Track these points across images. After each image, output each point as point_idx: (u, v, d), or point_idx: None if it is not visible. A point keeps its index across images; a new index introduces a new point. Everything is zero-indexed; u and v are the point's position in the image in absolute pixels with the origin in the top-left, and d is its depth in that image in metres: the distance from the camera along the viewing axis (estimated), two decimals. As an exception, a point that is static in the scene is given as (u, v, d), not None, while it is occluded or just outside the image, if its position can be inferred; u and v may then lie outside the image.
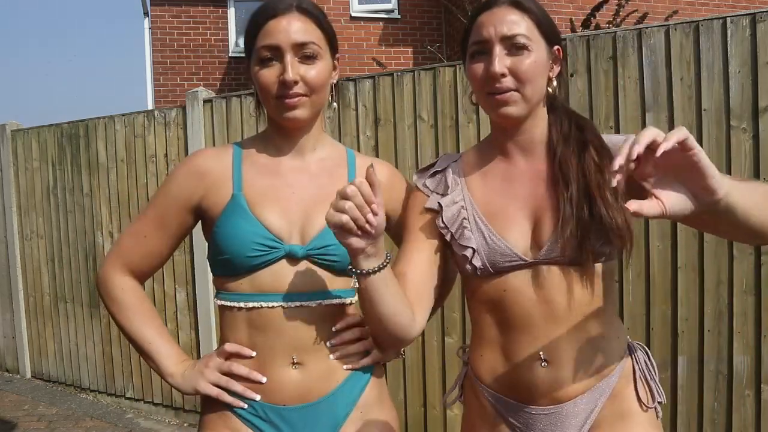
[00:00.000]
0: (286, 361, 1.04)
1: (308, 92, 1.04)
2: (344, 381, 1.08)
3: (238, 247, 1.03)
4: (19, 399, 3.94)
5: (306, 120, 1.08)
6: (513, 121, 1.03)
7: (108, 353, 3.82)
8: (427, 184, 1.11)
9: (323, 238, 1.05)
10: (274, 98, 1.05)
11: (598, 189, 0.97)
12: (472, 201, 1.06)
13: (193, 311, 3.41)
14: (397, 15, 7.34)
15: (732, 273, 2.13)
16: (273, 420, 1.05)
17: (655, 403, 1.05)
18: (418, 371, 2.71)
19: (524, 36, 0.98)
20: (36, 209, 4.13)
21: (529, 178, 1.05)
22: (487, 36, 0.99)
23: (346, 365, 1.08)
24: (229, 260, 1.04)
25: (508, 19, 0.99)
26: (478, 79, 1.01)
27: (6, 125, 4.27)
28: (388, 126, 2.75)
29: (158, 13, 8.27)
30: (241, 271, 1.05)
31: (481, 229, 1.04)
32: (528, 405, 1.03)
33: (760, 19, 2.07)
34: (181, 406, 3.53)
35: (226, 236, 1.04)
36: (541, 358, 1.01)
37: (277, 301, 1.04)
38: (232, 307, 1.07)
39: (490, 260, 1.02)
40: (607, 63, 2.30)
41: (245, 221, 1.04)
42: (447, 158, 1.14)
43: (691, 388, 2.22)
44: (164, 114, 3.49)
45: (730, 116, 2.12)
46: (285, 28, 1.02)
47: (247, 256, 1.03)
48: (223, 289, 1.08)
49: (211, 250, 1.09)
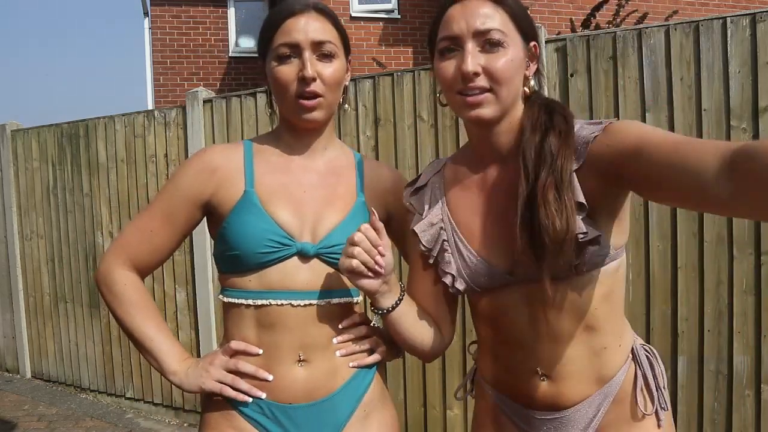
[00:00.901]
0: (293, 359, 1.05)
1: (325, 91, 1.05)
2: (349, 379, 1.08)
3: (250, 243, 1.02)
4: (19, 399, 3.93)
5: (322, 121, 1.10)
6: (486, 123, 0.95)
7: (108, 353, 3.82)
8: (411, 202, 1.08)
9: (333, 237, 1.06)
10: (293, 97, 1.05)
11: (542, 188, 0.86)
12: (451, 220, 1.02)
13: (193, 311, 3.41)
14: (397, 15, 7.33)
15: (732, 273, 2.13)
16: (278, 418, 1.05)
17: (653, 409, 1.01)
18: (418, 371, 2.71)
19: (499, 31, 0.90)
20: (36, 209, 4.13)
21: (504, 190, 0.97)
22: (458, 31, 0.91)
23: (352, 363, 1.08)
24: (239, 256, 1.04)
25: (481, 12, 0.90)
26: (449, 78, 0.93)
27: (6, 125, 4.27)
28: (388, 126, 2.75)
29: (158, 13, 8.28)
30: (250, 268, 1.04)
31: (461, 250, 0.99)
32: (532, 410, 1.01)
33: (760, 19, 2.07)
34: (181, 406, 3.53)
35: (237, 232, 1.04)
36: (540, 374, 0.98)
37: (287, 298, 1.04)
38: (239, 304, 1.06)
39: (473, 281, 0.98)
40: (607, 63, 2.30)
41: (258, 218, 1.04)
42: (430, 170, 1.09)
43: (691, 388, 2.22)
44: (164, 114, 3.49)
45: (730, 116, 2.12)
46: (304, 27, 1.04)
47: (259, 252, 1.02)
48: (230, 285, 1.08)
49: (219, 246, 1.08)
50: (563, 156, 0.87)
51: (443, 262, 1.01)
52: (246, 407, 1.05)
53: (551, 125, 0.91)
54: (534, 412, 1.01)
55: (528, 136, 0.92)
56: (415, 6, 7.36)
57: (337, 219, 1.08)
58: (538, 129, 0.91)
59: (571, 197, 0.85)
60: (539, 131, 0.91)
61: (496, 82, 0.90)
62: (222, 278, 1.11)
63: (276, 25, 1.06)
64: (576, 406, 0.99)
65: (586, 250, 0.88)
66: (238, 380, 1.05)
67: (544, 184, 0.86)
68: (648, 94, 2.23)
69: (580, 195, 0.86)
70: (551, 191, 0.85)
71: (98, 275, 1.11)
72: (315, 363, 1.05)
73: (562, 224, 0.83)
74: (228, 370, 1.06)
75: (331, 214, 1.08)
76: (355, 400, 1.09)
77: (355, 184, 1.14)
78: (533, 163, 0.89)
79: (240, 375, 1.05)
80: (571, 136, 0.89)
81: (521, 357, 0.99)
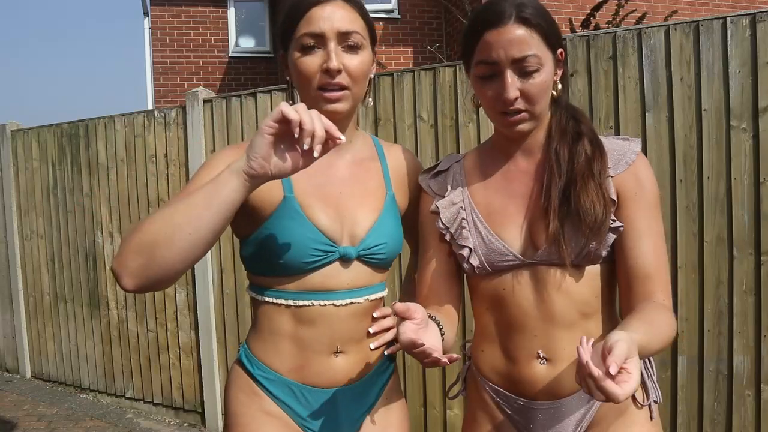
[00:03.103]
0: (330, 351, 1.07)
1: (350, 84, 1.02)
2: (376, 367, 1.13)
3: (295, 252, 1.01)
4: (19, 399, 3.93)
5: (345, 113, 1.05)
6: (523, 136, 1.05)
7: (108, 353, 3.82)
8: (431, 185, 1.13)
9: (373, 238, 1.07)
10: (315, 89, 1.02)
11: (582, 178, 0.98)
12: (471, 201, 1.08)
13: (193, 311, 3.41)
14: (397, 15, 7.33)
15: (732, 273, 2.13)
16: (310, 401, 1.07)
17: (649, 401, 1.05)
18: (418, 371, 2.71)
19: (534, 56, 0.96)
20: (36, 209, 4.13)
21: (530, 177, 1.06)
22: (496, 58, 0.96)
23: (388, 350, 1.11)
24: (281, 264, 1.02)
25: (516, 38, 0.95)
26: (490, 101, 1.01)
27: (6, 125, 4.27)
28: (388, 126, 2.75)
29: (158, 13, 8.28)
30: (292, 273, 1.04)
31: (479, 229, 1.05)
32: (527, 399, 1.04)
33: (760, 19, 2.07)
34: (181, 406, 3.53)
35: (279, 240, 1.02)
36: (540, 357, 1.02)
37: (328, 299, 1.05)
38: (279, 304, 1.06)
39: (487, 259, 1.03)
40: (607, 63, 2.30)
41: (301, 226, 1.02)
42: (450, 158, 1.16)
43: (691, 388, 2.22)
44: (164, 114, 3.49)
45: (730, 116, 2.12)
46: (329, 16, 1.00)
47: (303, 261, 1.02)
48: (264, 285, 1.07)
49: (253, 249, 1.05)
50: (598, 159, 1.00)
51: (460, 238, 1.06)
52: (276, 389, 1.07)
53: (580, 130, 1.03)
54: (530, 402, 1.04)
55: (558, 141, 1.02)
56: (415, 6, 7.36)
57: (373, 218, 1.08)
58: (568, 133, 1.02)
59: (607, 191, 0.98)
60: (569, 135, 1.02)
61: (531, 104, 0.98)
62: (253, 277, 1.10)
63: (300, 14, 1.01)
64: (572, 395, 1.02)
65: (607, 239, 0.98)
66: (302, 110, 0.86)
67: (582, 175, 0.98)
68: (648, 94, 2.23)
69: (613, 192, 1.00)
70: (591, 182, 0.97)
71: (114, 264, 0.90)
72: (351, 353, 1.08)
73: (601, 210, 0.95)
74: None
75: (367, 214, 1.08)
76: (381, 387, 1.14)
77: (382, 177, 1.14)
78: (568, 166, 1.00)
79: (291, 145, 0.88)
80: (601, 144, 1.02)
81: (523, 340, 1.03)
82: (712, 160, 2.14)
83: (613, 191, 1.00)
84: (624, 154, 1.02)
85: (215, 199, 0.86)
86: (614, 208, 1.00)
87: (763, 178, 2.08)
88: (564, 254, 0.97)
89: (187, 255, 0.87)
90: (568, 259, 0.98)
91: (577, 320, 1.01)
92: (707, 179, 2.15)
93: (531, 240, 1.02)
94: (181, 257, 0.86)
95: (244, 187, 0.88)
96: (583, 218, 0.95)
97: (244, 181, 0.87)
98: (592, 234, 0.96)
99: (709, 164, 2.14)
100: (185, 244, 0.86)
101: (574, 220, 0.97)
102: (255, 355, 1.10)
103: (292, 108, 0.85)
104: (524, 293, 1.02)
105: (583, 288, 1.01)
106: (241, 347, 1.14)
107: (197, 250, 0.88)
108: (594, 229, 0.96)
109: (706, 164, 2.15)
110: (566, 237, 0.97)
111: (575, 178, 0.98)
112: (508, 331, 1.05)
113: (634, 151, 1.03)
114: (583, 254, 0.99)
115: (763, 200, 2.07)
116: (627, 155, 1.02)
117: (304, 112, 0.85)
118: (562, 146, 1.01)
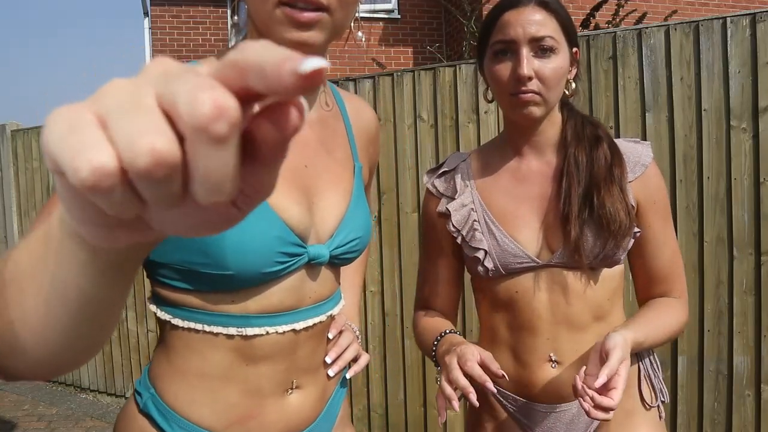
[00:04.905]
0: (284, 388, 0.80)
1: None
2: (332, 396, 0.89)
3: (253, 259, 0.71)
4: (19, 399, 3.93)
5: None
6: (533, 122, 1.02)
7: (108, 353, 3.82)
8: (437, 185, 1.11)
9: (345, 232, 0.81)
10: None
11: (604, 182, 0.98)
12: (482, 202, 1.06)
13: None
14: (397, 15, 7.33)
15: (732, 273, 2.13)
16: None
17: (657, 401, 1.05)
18: (418, 371, 2.71)
19: (552, 38, 0.96)
20: (36, 209, 4.13)
21: (542, 179, 1.04)
22: (514, 36, 0.96)
23: (349, 373, 0.93)
24: (228, 276, 0.71)
25: (535, 19, 0.96)
26: (504, 81, 0.98)
27: (6, 125, 4.27)
28: (388, 126, 2.75)
29: (158, 13, 8.28)
30: (238, 288, 0.74)
31: (492, 231, 1.04)
32: (536, 403, 1.04)
33: (760, 19, 2.07)
34: (181, 406, 3.53)
35: (232, 244, 0.70)
36: (552, 360, 1.02)
37: (288, 322, 0.77)
38: (216, 333, 0.74)
39: (501, 262, 1.02)
40: (607, 63, 2.30)
41: (264, 219, 0.72)
42: (456, 158, 1.14)
43: (691, 388, 2.22)
44: (164, 114, 3.49)
45: (730, 116, 2.12)
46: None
47: (263, 272, 0.72)
48: (187, 305, 0.75)
49: (181, 254, 0.72)
50: (617, 164, 1.00)
51: (474, 240, 1.04)
52: None
53: (598, 135, 1.03)
54: (538, 405, 1.03)
55: (576, 146, 1.02)
56: (415, 6, 7.36)
57: (344, 204, 0.83)
58: (585, 138, 1.03)
59: (628, 196, 1.00)
60: (587, 140, 1.03)
61: (545, 86, 0.97)
62: (168, 291, 0.76)
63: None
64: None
65: (624, 243, 0.99)
66: None
67: (605, 181, 0.98)
68: (648, 94, 2.23)
69: (632, 197, 1.01)
70: (614, 188, 0.98)
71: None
72: (308, 387, 0.83)
73: (625, 216, 0.97)
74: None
75: (337, 198, 0.82)
76: (335, 417, 0.91)
77: (348, 143, 0.89)
78: (586, 171, 1.00)
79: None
80: (619, 150, 1.02)
81: (534, 343, 1.03)
82: (712, 160, 2.14)
83: (632, 197, 1.01)
84: (639, 159, 1.03)
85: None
86: (633, 213, 1.01)
87: (763, 178, 2.08)
88: (582, 258, 0.97)
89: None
90: (585, 262, 0.98)
91: (589, 323, 1.01)
92: (707, 179, 2.15)
93: (546, 242, 1.02)
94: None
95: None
96: (607, 224, 0.96)
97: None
98: (615, 240, 0.97)
99: (709, 164, 2.15)
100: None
101: (595, 224, 0.97)
102: (170, 405, 0.77)
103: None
104: (538, 296, 1.01)
105: (597, 291, 1.01)
106: (143, 389, 0.81)
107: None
108: (618, 236, 0.96)
109: (706, 164, 2.15)
110: (586, 242, 0.97)
111: (597, 183, 0.98)
112: (520, 333, 1.04)
113: (649, 155, 1.04)
114: (600, 258, 0.99)
115: (763, 200, 2.08)
116: (642, 159, 1.03)
117: None
118: (580, 151, 1.01)
